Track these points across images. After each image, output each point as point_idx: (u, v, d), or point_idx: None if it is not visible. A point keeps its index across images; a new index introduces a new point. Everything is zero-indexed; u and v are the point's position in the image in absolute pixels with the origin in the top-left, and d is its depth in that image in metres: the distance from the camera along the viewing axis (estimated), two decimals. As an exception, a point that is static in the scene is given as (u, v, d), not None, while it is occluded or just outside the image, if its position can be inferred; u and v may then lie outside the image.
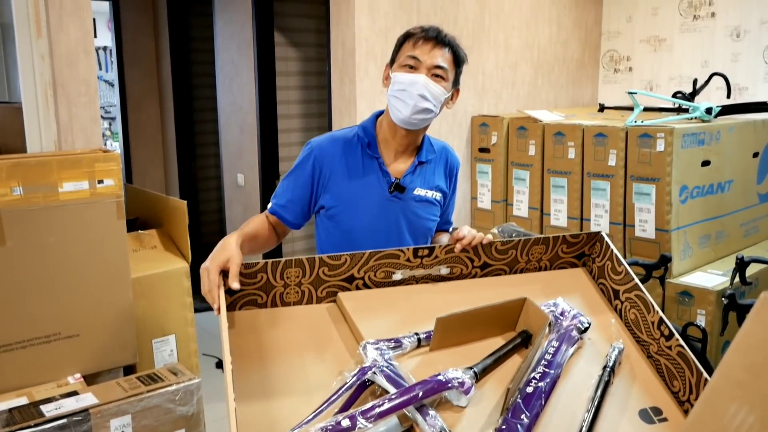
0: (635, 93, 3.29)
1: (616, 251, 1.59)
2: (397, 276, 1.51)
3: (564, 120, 3.59)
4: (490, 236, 1.60)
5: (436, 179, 1.84)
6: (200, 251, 2.89)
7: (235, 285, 1.35)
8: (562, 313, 1.43)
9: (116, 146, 6.36)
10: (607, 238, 1.62)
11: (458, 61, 1.73)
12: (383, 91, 3.45)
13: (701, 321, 2.87)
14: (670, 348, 1.38)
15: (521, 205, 3.70)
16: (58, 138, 2.30)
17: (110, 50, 6.07)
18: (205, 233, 5.27)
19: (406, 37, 1.73)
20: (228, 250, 1.40)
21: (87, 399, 1.88)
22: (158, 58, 5.36)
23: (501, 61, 4.02)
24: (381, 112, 1.83)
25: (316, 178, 1.75)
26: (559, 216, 3.50)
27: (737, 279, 2.79)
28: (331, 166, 1.74)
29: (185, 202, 2.55)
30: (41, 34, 2.24)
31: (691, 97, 3.54)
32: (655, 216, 3.09)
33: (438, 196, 1.83)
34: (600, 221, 3.31)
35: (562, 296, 1.50)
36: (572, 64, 4.50)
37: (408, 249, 1.49)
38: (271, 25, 4.24)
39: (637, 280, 1.52)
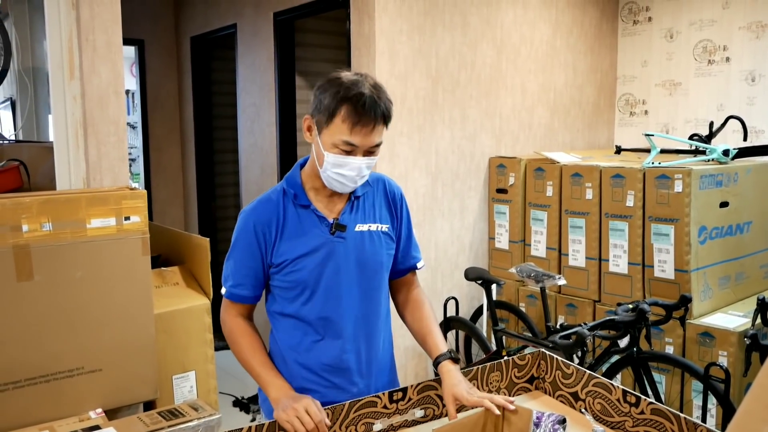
0: (652, 135, 3.33)
1: (559, 359, 1.67)
2: (377, 426, 1.56)
3: (581, 161, 3.62)
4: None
5: (377, 211, 1.78)
6: (218, 289, 2.92)
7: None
8: (538, 417, 1.48)
9: (136, 186, 6.47)
10: (548, 353, 1.72)
11: (388, 123, 1.66)
12: (402, 132, 3.52)
13: (723, 362, 2.84)
14: (642, 412, 1.42)
15: (539, 246, 3.71)
16: (87, 176, 2.35)
17: (133, 93, 6.24)
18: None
19: (337, 109, 1.57)
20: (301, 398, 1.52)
21: (109, 433, 1.89)
22: (181, 101, 5.50)
23: (518, 104, 4.08)
24: (305, 161, 1.76)
25: (262, 244, 1.69)
26: (577, 256, 3.51)
27: (759, 320, 2.77)
28: (272, 228, 1.69)
29: (208, 239, 2.58)
30: (74, 76, 2.32)
31: (707, 139, 3.57)
32: (674, 256, 3.09)
33: (385, 227, 1.77)
34: (618, 261, 3.31)
35: None
36: (588, 107, 4.55)
37: (384, 394, 1.55)
38: (292, 69, 4.35)
39: (588, 371, 1.58)
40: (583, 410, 1.57)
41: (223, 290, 1.76)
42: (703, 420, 2.68)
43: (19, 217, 1.95)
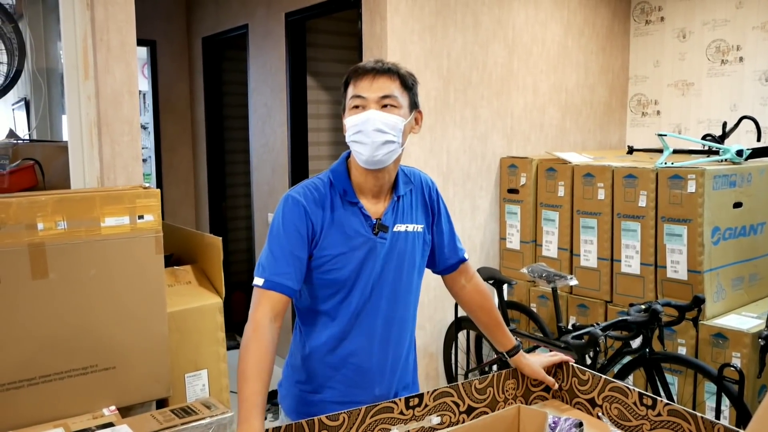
0: (665, 135, 3.31)
1: (575, 366, 1.68)
2: None
3: (593, 161, 3.61)
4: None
5: (414, 211, 1.75)
6: (229, 288, 2.94)
7: None
8: (554, 422, 1.47)
9: (149, 186, 6.49)
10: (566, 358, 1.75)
11: (406, 84, 1.64)
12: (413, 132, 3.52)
13: (736, 363, 2.82)
14: (659, 414, 1.42)
15: (551, 246, 3.70)
16: (101, 175, 2.37)
17: (144, 94, 6.27)
18: (234, 272, 5.32)
19: (347, 80, 1.65)
20: None
21: (122, 431, 1.90)
22: (192, 102, 5.52)
23: (529, 104, 4.07)
24: (350, 153, 1.71)
25: (310, 231, 1.62)
26: (589, 257, 3.49)
27: (773, 322, 2.75)
28: (319, 218, 1.64)
29: (220, 238, 2.60)
30: (88, 76, 2.34)
31: (720, 139, 3.55)
32: (687, 257, 3.07)
33: (419, 228, 1.75)
34: (631, 262, 3.30)
35: None
36: (600, 107, 4.53)
37: (400, 400, 1.53)
38: (303, 69, 4.36)
39: (604, 376, 1.57)
40: (599, 415, 1.56)
41: (259, 281, 1.58)
42: (717, 421, 2.67)
43: (35, 216, 1.96)
